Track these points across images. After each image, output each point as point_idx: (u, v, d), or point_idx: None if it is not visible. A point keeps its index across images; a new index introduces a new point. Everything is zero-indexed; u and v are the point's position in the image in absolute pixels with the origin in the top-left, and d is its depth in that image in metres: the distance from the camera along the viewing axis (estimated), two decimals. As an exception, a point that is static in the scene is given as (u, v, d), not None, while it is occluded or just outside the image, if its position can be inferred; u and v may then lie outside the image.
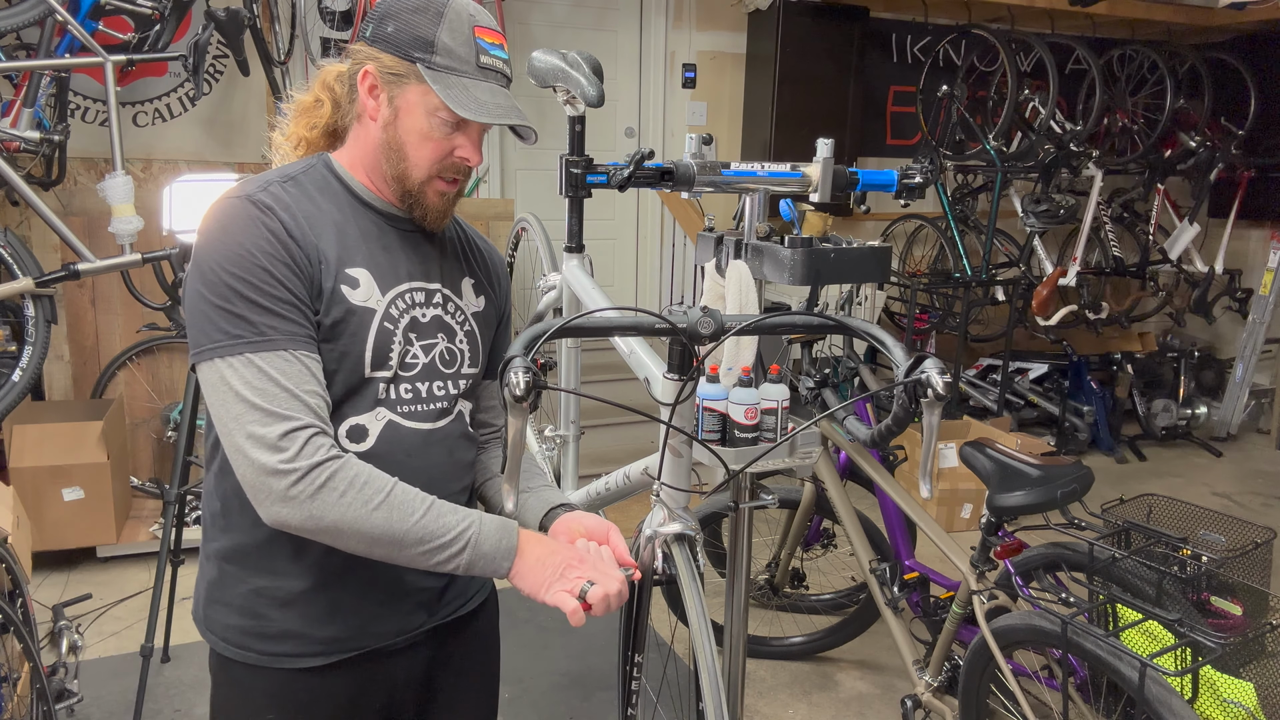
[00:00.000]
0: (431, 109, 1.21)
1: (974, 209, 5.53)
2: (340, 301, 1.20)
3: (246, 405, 1.09)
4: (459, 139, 1.25)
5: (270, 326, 1.12)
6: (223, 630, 1.26)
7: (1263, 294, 5.65)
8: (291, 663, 1.24)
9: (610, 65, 5.02)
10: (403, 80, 1.20)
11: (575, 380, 2.42)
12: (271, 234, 1.15)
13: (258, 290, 1.12)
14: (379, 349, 1.23)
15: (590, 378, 4.51)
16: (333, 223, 1.23)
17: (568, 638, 3.19)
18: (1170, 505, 2.49)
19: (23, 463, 3.37)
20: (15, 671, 2.25)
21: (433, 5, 1.21)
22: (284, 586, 1.23)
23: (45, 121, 3.37)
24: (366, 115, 1.24)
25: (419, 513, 1.14)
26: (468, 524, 1.17)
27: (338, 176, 1.27)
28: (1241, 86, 5.56)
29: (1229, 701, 2.00)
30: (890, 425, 1.48)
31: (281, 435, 1.09)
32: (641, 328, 1.45)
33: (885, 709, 2.87)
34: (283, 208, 1.18)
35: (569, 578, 1.18)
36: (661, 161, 1.81)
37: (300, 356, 1.13)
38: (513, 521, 1.22)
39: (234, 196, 1.19)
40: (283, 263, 1.14)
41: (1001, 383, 5.15)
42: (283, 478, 1.09)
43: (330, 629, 1.25)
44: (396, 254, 1.28)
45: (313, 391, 1.13)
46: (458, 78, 1.21)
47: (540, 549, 1.20)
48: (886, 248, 1.85)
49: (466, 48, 1.22)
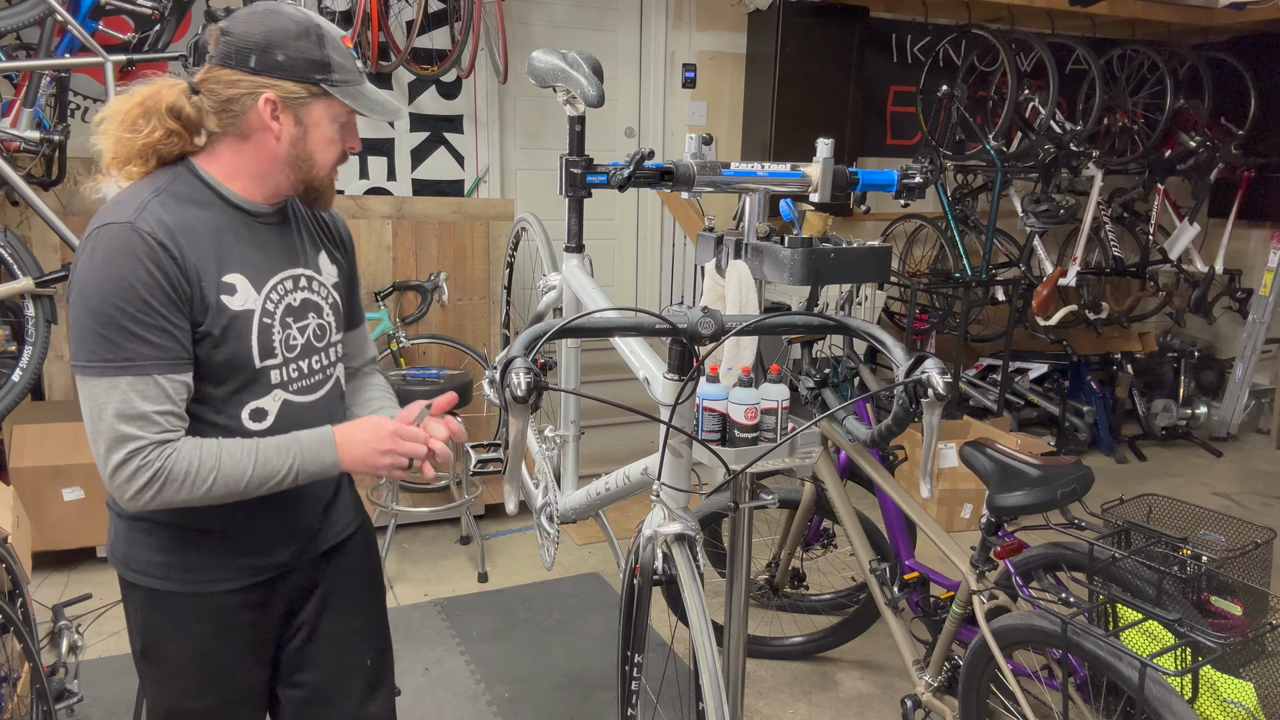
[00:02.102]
0: (334, 117, 1.40)
1: (974, 209, 5.53)
2: (223, 311, 1.36)
3: (105, 424, 1.28)
4: (349, 136, 1.45)
5: (139, 353, 1.28)
6: (147, 567, 1.45)
7: (1263, 294, 5.65)
8: (211, 586, 1.46)
9: (610, 65, 5.02)
10: (305, 101, 1.37)
11: (575, 380, 2.42)
12: (153, 264, 1.28)
13: (134, 320, 1.27)
14: (263, 343, 1.41)
15: (590, 378, 4.51)
16: (210, 230, 1.37)
17: (568, 638, 3.19)
18: (1170, 505, 2.49)
19: (23, 463, 3.37)
20: (15, 671, 2.25)
21: (308, 30, 1.36)
22: (199, 528, 1.44)
23: (45, 121, 3.38)
24: (265, 135, 1.38)
25: (249, 470, 1.34)
26: (290, 460, 1.38)
27: (209, 185, 1.40)
28: (1241, 86, 5.55)
29: (1229, 701, 2.00)
30: (890, 425, 1.48)
31: (121, 461, 1.28)
32: (641, 328, 1.45)
33: (885, 709, 2.87)
34: (164, 231, 1.31)
35: (390, 455, 1.42)
36: (661, 161, 1.81)
37: (161, 380, 1.30)
38: (329, 433, 1.42)
39: (117, 222, 1.30)
40: (161, 290, 1.29)
41: (1001, 383, 5.15)
42: (122, 490, 1.30)
43: (241, 559, 1.48)
44: (267, 249, 1.44)
45: (165, 411, 1.31)
46: (354, 87, 1.41)
47: (345, 437, 1.43)
48: (886, 248, 1.85)
49: (348, 59, 1.40)
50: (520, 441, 1.29)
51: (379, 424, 1.44)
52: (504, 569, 3.71)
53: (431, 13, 4.43)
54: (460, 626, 3.24)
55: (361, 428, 1.44)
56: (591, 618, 3.34)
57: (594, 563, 3.78)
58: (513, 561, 3.79)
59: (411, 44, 4.30)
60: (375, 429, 1.43)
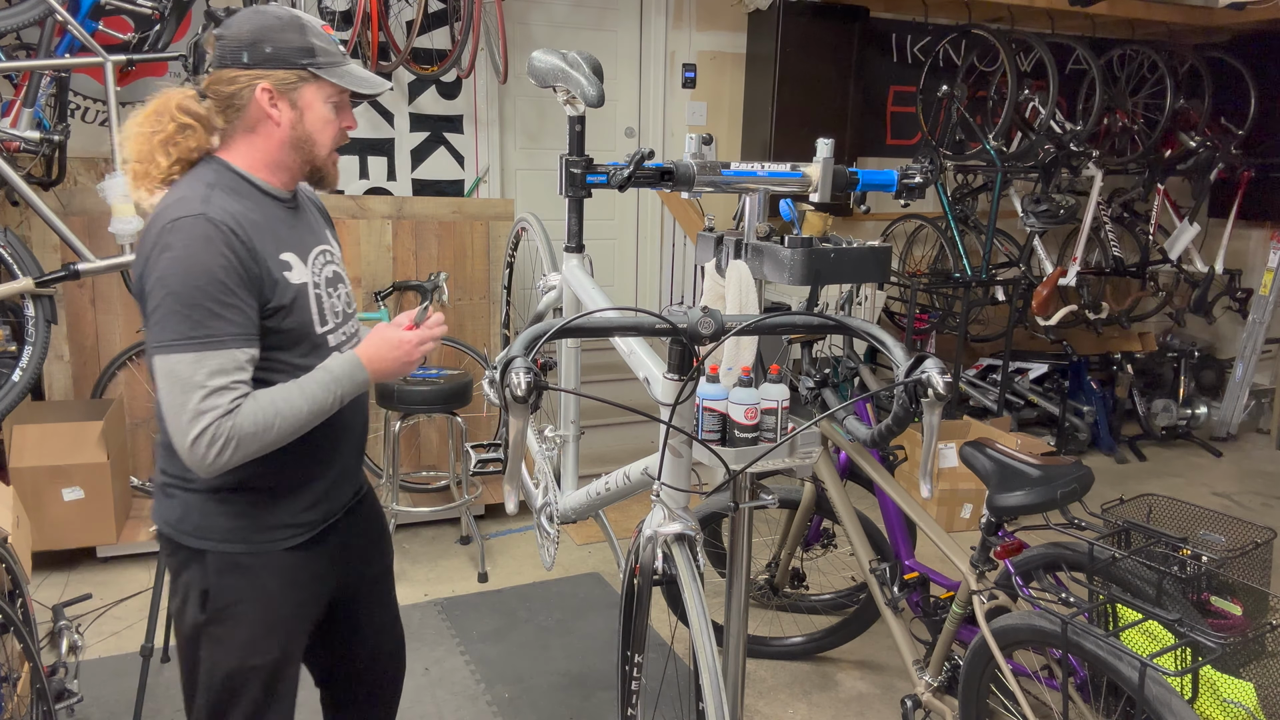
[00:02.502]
0: (326, 97, 1.55)
1: (974, 209, 5.53)
2: (287, 286, 1.53)
3: (187, 397, 1.40)
4: (344, 115, 1.60)
5: (219, 330, 1.43)
6: (224, 533, 1.58)
7: (1263, 294, 5.65)
8: (279, 544, 1.62)
9: (610, 65, 5.02)
10: (296, 86, 1.52)
11: (575, 380, 2.42)
12: (228, 249, 1.43)
13: (214, 300, 1.42)
14: (319, 311, 1.60)
15: (590, 378, 4.51)
16: (260, 216, 1.53)
17: (567, 638, 3.19)
18: (1170, 505, 2.49)
19: (23, 463, 3.37)
20: (15, 671, 2.25)
21: (289, 22, 1.52)
22: (269, 487, 1.59)
23: (45, 121, 3.37)
24: (268, 123, 1.53)
25: (303, 408, 1.50)
26: (334, 389, 1.55)
27: (243, 177, 1.55)
28: (1241, 86, 5.55)
29: (1229, 701, 2.00)
30: (890, 425, 1.48)
31: (199, 432, 1.41)
32: (642, 328, 1.45)
33: (885, 709, 2.87)
34: (231, 220, 1.46)
35: (411, 360, 1.63)
36: (661, 161, 1.81)
37: (237, 352, 1.45)
38: (355, 357, 1.59)
39: (190, 215, 1.44)
40: (235, 273, 1.44)
41: (1001, 383, 5.15)
42: (203, 459, 1.43)
43: (303, 514, 1.64)
44: (298, 229, 1.62)
45: (239, 380, 1.45)
46: (340, 67, 1.55)
47: (369, 356, 1.60)
48: (886, 248, 1.85)
49: (329, 43, 1.55)
50: (520, 441, 1.29)
51: (392, 335, 1.61)
52: (504, 569, 3.71)
53: (431, 13, 4.43)
54: (460, 626, 3.24)
55: (381, 344, 1.61)
56: (591, 618, 3.34)
57: (594, 563, 3.78)
58: (513, 561, 3.79)
59: (411, 44, 4.30)
60: (394, 342, 1.61)
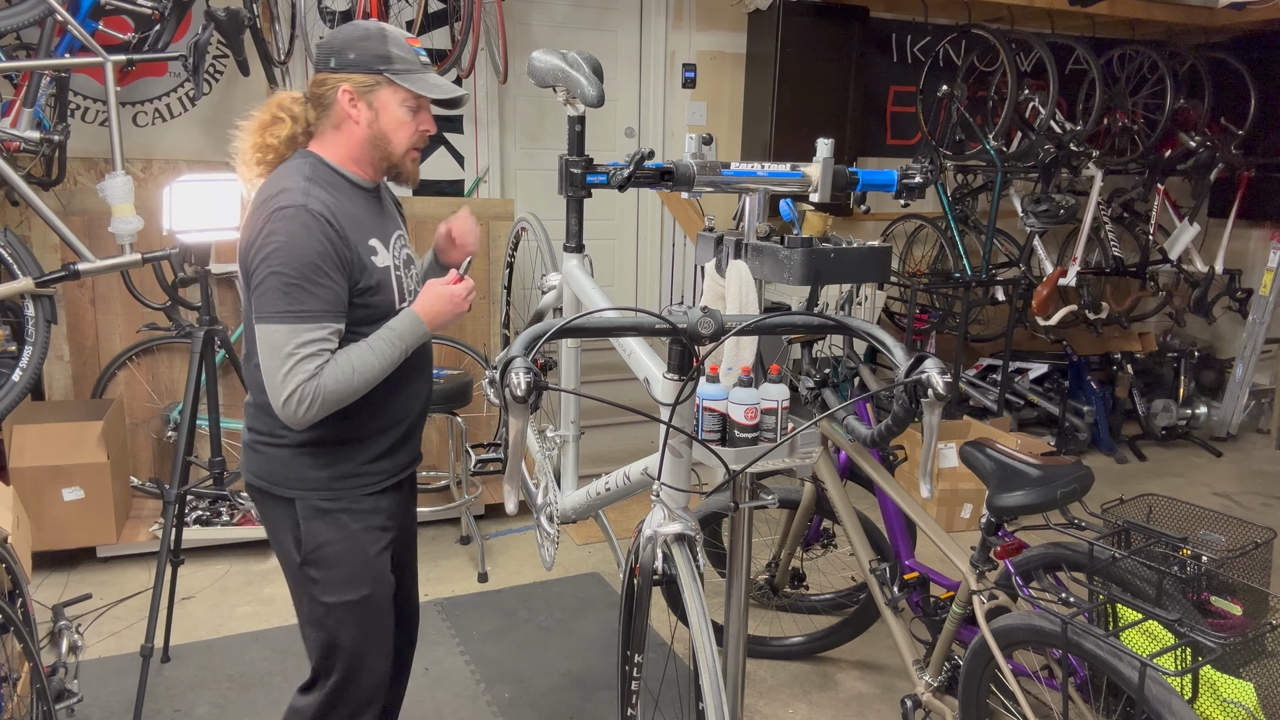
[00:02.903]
0: (401, 101, 1.74)
1: (974, 209, 5.53)
2: (372, 270, 1.74)
3: (282, 361, 1.62)
4: (421, 118, 1.78)
5: (314, 306, 1.64)
6: (313, 482, 1.80)
7: (1263, 294, 5.65)
8: (360, 491, 1.83)
9: (610, 65, 5.02)
10: (374, 88, 1.72)
11: (575, 380, 2.42)
12: (324, 236, 1.64)
13: (311, 281, 1.63)
14: (399, 289, 1.82)
15: (590, 378, 4.51)
16: (350, 205, 1.74)
17: (567, 638, 3.19)
18: (1170, 505, 2.49)
19: (23, 463, 3.37)
20: (15, 671, 2.25)
21: (373, 33, 1.73)
22: (354, 440, 1.82)
23: (45, 121, 3.37)
24: (349, 122, 1.74)
25: (374, 363, 1.70)
26: (398, 343, 1.74)
27: (336, 170, 1.77)
28: (1241, 86, 5.55)
29: (1229, 701, 2.00)
30: (890, 425, 1.48)
31: (291, 392, 1.62)
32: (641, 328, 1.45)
33: (885, 709, 2.87)
34: (326, 210, 1.66)
35: (460, 310, 1.82)
36: (661, 161, 1.81)
37: (327, 325, 1.66)
38: (414, 314, 1.77)
39: (292, 206, 1.65)
40: (331, 260, 1.65)
41: (1001, 383, 5.15)
42: (295, 414, 1.65)
43: (385, 464, 1.87)
44: (380, 216, 1.83)
45: (325, 349, 1.66)
46: (414, 74, 1.74)
47: (426, 312, 1.78)
48: (886, 248, 1.85)
49: (409, 53, 1.74)
50: (520, 441, 1.29)
51: (443, 290, 1.79)
52: (504, 569, 3.71)
53: (431, 13, 4.43)
54: (460, 626, 3.24)
55: (434, 299, 1.78)
56: (591, 618, 3.34)
57: (594, 563, 3.78)
58: (513, 561, 3.79)
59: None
60: (445, 295, 1.79)
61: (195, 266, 2.80)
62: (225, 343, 2.88)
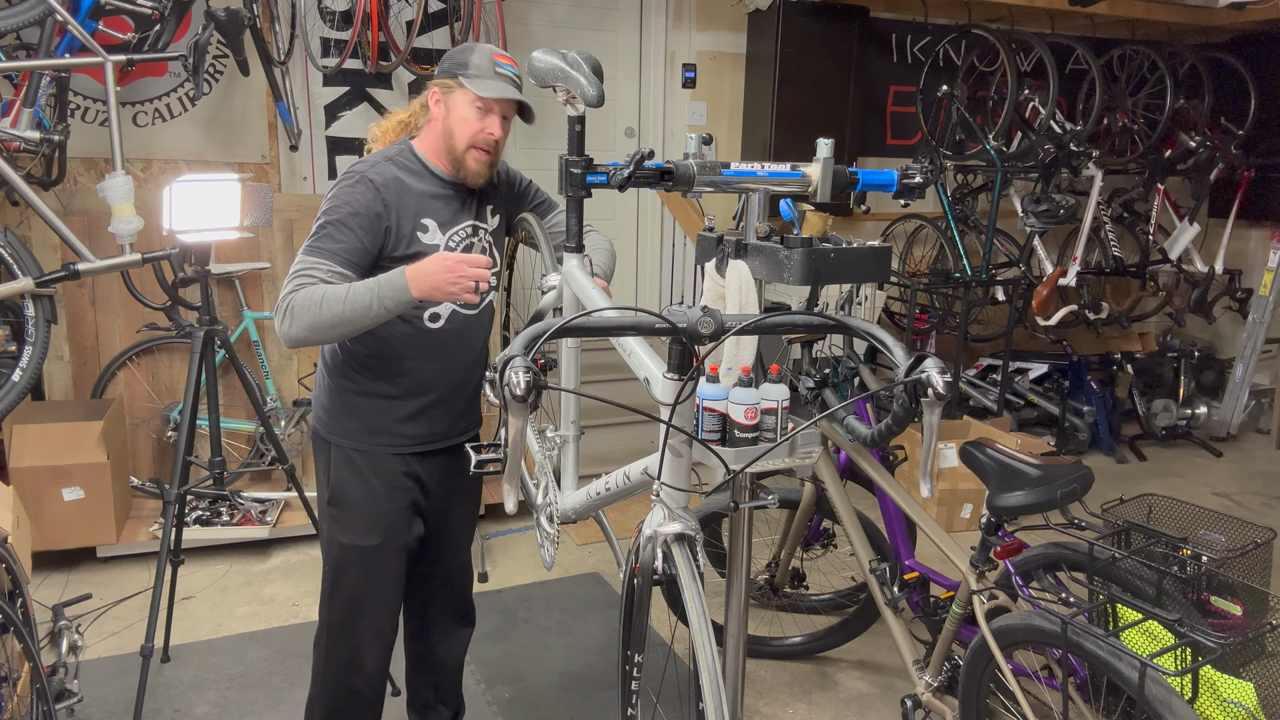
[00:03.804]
0: (470, 102, 1.97)
1: (974, 209, 5.53)
2: (414, 242, 1.97)
3: (290, 280, 1.85)
4: (488, 121, 1.99)
5: (328, 245, 1.88)
6: (345, 431, 2.07)
7: (1263, 294, 5.65)
8: (384, 449, 2.08)
9: (610, 65, 5.02)
10: (451, 89, 2.00)
11: (575, 380, 2.41)
12: (366, 202, 1.91)
13: (336, 227, 1.89)
14: None
15: (590, 378, 4.51)
16: (418, 188, 2.00)
17: (568, 638, 3.19)
18: (1170, 505, 2.49)
19: (23, 463, 3.37)
20: (15, 671, 2.25)
21: (467, 48, 2.02)
22: (388, 395, 2.05)
23: (45, 121, 3.37)
24: (436, 118, 2.03)
25: (343, 296, 1.81)
26: (374, 289, 1.82)
27: (419, 158, 2.04)
28: (1241, 86, 5.55)
29: (1229, 701, 2.00)
30: (890, 425, 1.48)
31: (278, 303, 1.84)
32: (641, 328, 1.45)
33: (885, 709, 2.87)
34: (383, 183, 1.94)
35: (458, 281, 1.83)
36: (661, 161, 1.81)
37: (331, 264, 1.87)
38: (401, 271, 1.84)
39: (358, 171, 1.96)
40: (361, 218, 1.90)
41: (1001, 383, 5.15)
42: (276, 321, 1.86)
43: (409, 429, 2.09)
44: (452, 205, 2.05)
45: (314, 279, 1.84)
46: (483, 80, 1.98)
47: (414, 272, 1.84)
48: (886, 248, 1.85)
49: (486, 63, 1.99)
50: (520, 441, 1.29)
51: (446, 256, 1.86)
52: (504, 569, 3.71)
53: (431, 13, 4.42)
54: (460, 626, 3.24)
55: (429, 262, 1.85)
56: (591, 618, 3.34)
57: (594, 563, 3.78)
58: (513, 561, 3.79)
59: (411, 44, 4.30)
60: (442, 260, 1.84)
61: (195, 266, 2.80)
62: (225, 343, 2.88)
